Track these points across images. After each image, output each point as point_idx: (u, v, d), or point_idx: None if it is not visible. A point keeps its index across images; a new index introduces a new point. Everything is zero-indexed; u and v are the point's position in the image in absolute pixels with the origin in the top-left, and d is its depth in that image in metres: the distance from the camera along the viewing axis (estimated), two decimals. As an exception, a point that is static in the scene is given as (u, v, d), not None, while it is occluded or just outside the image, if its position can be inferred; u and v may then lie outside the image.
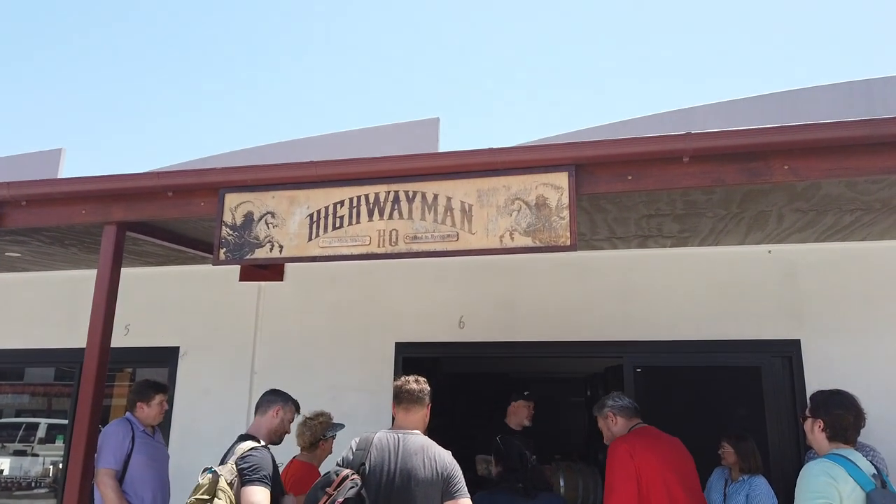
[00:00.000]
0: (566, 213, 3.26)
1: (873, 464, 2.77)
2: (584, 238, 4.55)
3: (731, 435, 4.10)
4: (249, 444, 3.18)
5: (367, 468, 2.77)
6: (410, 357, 5.31)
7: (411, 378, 3.06)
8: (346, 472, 2.74)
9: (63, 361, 6.14)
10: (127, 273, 4.27)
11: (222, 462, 3.20)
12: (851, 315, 4.60)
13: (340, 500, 2.61)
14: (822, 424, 2.83)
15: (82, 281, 5.86)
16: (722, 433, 4.20)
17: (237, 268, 5.66)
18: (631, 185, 3.29)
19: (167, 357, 5.70)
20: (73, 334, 5.75)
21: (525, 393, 5.15)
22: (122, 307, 4.10)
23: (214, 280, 5.75)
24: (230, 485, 2.96)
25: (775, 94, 6.52)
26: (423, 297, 5.37)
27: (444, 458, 2.83)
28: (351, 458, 2.85)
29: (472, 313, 5.22)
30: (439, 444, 2.91)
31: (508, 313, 5.16)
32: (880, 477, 2.68)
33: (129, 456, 3.81)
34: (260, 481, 2.99)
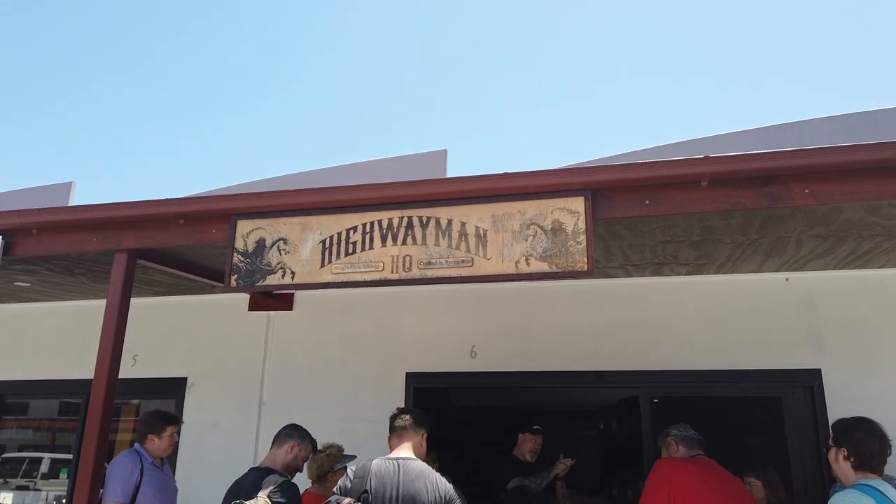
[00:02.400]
0: (583, 237, 3.21)
1: None
2: (599, 265, 4.49)
3: (756, 469, 3.98)
4: (278, 476, 3.20)
5: (370, 495, 2.74)
6: (421, 387, 5.22)
7: (405, 407, 3.14)
8: (347, 500, 2.71)
9: (70, 393, 6.07)
10: (135, 303, 4.23)
11: (237, 496, 3.15)
12: (873, 343, 4.50)
13: None
14: (845, 452, 2.77)
15: (90, 311, 5.82)
16: (746, 468, 4.07)
17: (246, 298, 5.62)
18: (648, 209, 3.24)
19: (175, 388, 5.62)
20: (81, 366, 5.70)
21: (535, 427, 5.08)
22: (129, 337, 4.05)
23: (223, 310, 5.71)
24: None
25: (783, 125, 6.54)
26: (434, 326, 5.29)
27: (446, 484, 2.84)
28: (349, 486, 2.81)
29: (485, 343, 5.14)
30: (446, 477, 2.88)
31: (521, 343, 5.08)
32: None
33: (137, 488, 3.71)
34: None
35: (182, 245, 3.96)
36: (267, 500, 3.04)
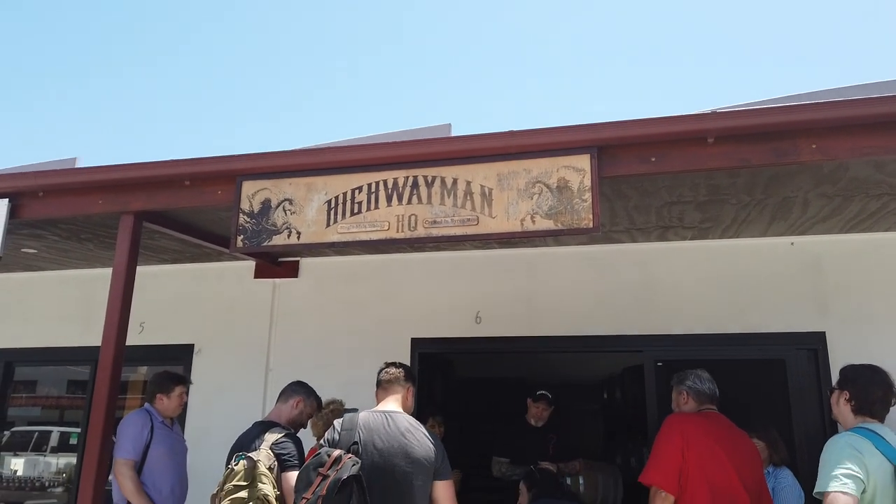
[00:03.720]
0: (588, 195, 3.21)
1: None
2: (604, 229, 4.48)
3: (758, 428, 4.00)
4: (281, 430, 3.22)
5: (359, 447, 2.74)
6: (426, 352, 5.25)
7: (392, 361, 3.19)
8: (338, 452, 2.69)
9: (78, 360, 6.12)
10: (142, 270, 4.25)
11: (241, 448, 3.18)
12: (877, 306, 4.51)
13: (345, 476, 2.56)
14: (847, 395, 2.75)
15: (97, 279, 5.84)
16: (748, 429, 4.08)
17: (252, 265, 5.64)
18: (654, 167, 3.23)
19: (182, 355, 5.66)
20: (89, 333, 5.73)
21: (537, 393, 5.14)
22: (137, 305, 4.07)
23: (229, 277, 5.74)
24: (270, 469, 2.98)
25: (792, 97, 6.51)
26: (439, 292, 5.31)
27: (433, 438, 2.87)
28: (338, 438, 2.79)
29: (490, 308, 5.16)
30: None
31: (526, 308, 5.10)
32: None
33: (147, 447, 3.76)
34: (299, 467, 3.00)
35: (187, 206, 3.97)
36: (269, 451, 3.07)
